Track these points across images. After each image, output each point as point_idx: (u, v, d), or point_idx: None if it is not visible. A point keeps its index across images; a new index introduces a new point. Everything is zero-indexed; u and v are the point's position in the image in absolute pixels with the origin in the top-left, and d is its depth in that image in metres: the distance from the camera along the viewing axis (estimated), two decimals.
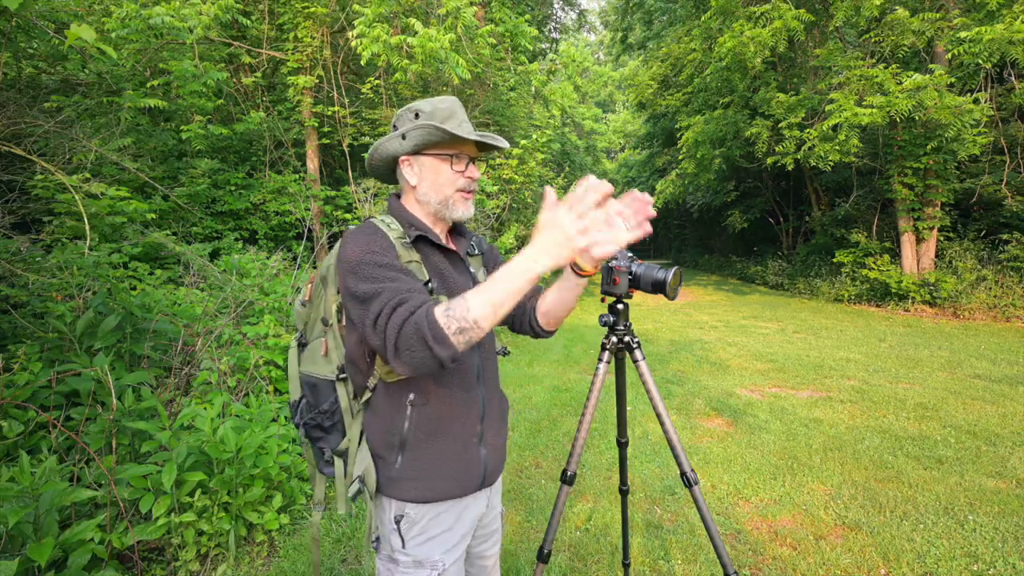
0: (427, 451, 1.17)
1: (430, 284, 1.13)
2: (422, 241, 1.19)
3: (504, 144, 1.22)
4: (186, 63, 5.81)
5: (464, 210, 1.22)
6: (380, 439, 1.18)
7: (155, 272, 4.87)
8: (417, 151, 1.20)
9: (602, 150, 31.30)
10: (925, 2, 9.33)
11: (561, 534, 2.68)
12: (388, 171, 1.30)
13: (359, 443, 1.22)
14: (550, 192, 0.92)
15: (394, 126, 1.23)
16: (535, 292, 1.40)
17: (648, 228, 0.96)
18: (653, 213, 0.98)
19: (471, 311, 0.93)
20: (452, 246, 1.25)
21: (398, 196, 1.28)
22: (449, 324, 0.93)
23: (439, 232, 1.24)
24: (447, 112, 1.18)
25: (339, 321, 1.22)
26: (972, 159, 10.22)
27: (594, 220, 0.86)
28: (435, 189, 1.20)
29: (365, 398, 1.20)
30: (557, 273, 1.14)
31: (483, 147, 1.25)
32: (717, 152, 13.58)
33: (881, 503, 2.93)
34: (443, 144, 1.18)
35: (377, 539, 1.23)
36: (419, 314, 0.95)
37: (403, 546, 1.17)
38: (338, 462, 1.24)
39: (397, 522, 1.17)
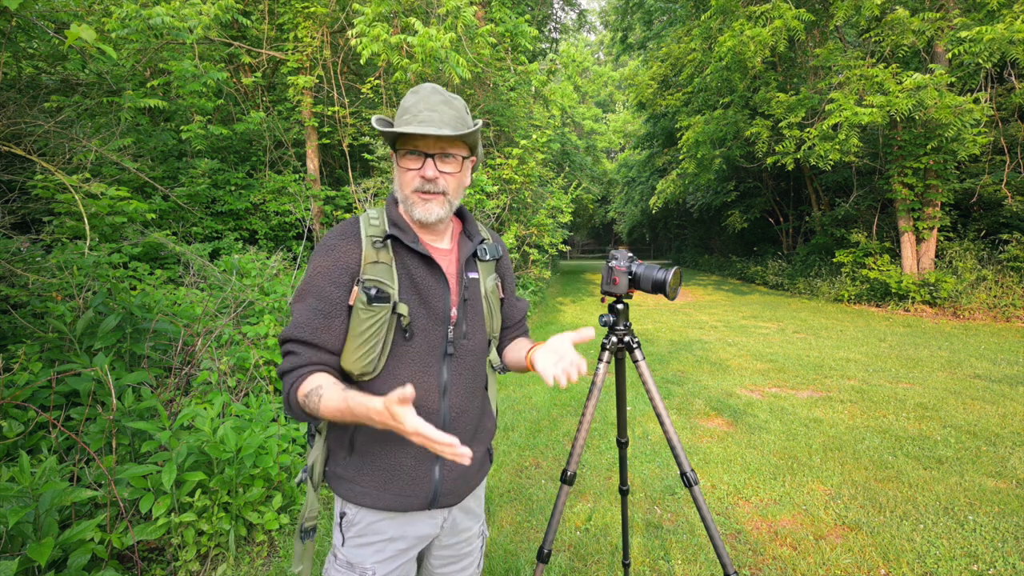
0: (374, 458, 1.16)
1: (374, 291, 1.09)
2: (398, 242, 1.15)
3: (438, 131, 1.07)
4: (186, 63, 5.81)
5: (422, 212, 1.14)
6: (335, 434, 1.20)
7: (155, 272, 4.88)
8: (392, 148, 1.18)
9: (602, 150, 31.30)
10: (925, 2, 9.33)
11: (561, 534, 2.68)
12: None
13: (326, 430, 1.22)
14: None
15: None
16: (524, 331, 1.43)
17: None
18: (574, 379, 1.07)
19: (320, 411, 1.02)
20: (427, 249, 1.16)
21: None
22: (305, 405, 1.04)
23: (424, 233, 1.20)
24: (408, 104, 1.12)
25: None
26: (972, 159, 10.22)
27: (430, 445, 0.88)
28: (399, 188, 1.17)
29: None
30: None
31: (454, 137, 1.11)
32: (717, 152, 13.58)
33: (881, 503, 2.93)
34: (399, 140, 1.14)
35: (312, 529, 1.23)
36: (290, 378, 1.07)
37: (342, 544, 1.19)
38: (317, 438, 1.23)
39: (340, 518, 1.19)
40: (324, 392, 1.01)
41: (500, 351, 1.39)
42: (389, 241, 1.14)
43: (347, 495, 1.17)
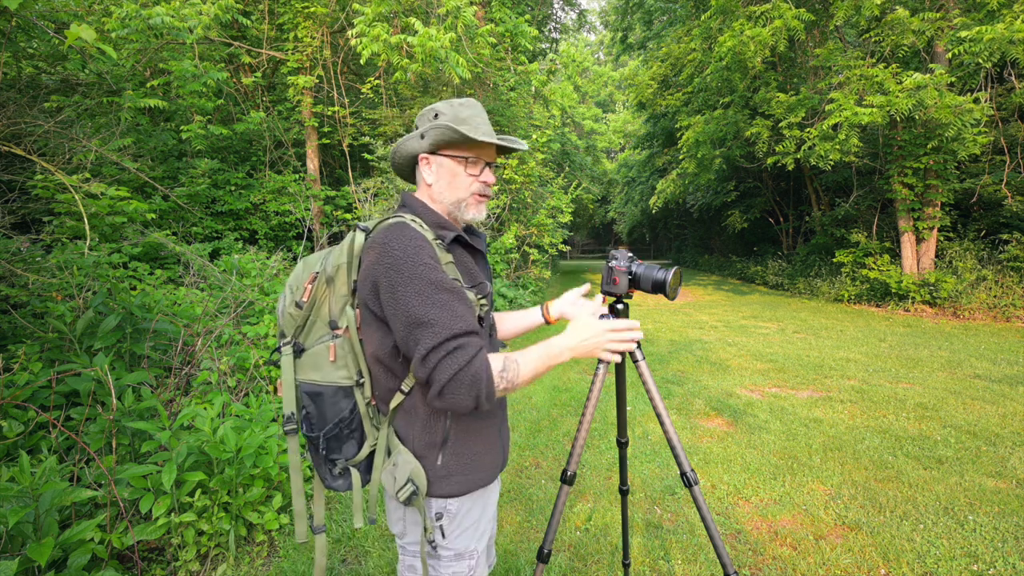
0: (468, 445, 1.20)
1: (475, 290, 1.17)
2: (454, 242, 1.21)
3: (523, 146, 1.25)
4: (186, 63, 5.81)
5: (476, 213, 1.26)
6: (421, 440, 1.16)
7: (155, 272, 4.88)
8: (434, 150, 1.22)
9: (602, 150, 31.31)
10: (925, 2, 9.33)
11: (561, 534, 2.68)
12: (409, 170, 1.32)
13: (386, 447, 1.18)
14: (600, 300, 1.31)
15: (416, 126, 1.27)
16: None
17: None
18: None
19: (521, 375, 1.09)
20: (478, 246, 1.30)
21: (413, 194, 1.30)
22: (500, 383, 1.07)
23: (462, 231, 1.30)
24: (466, 115, 1.21)
25: (357, 324, 1.17)
26: (972, 159, 10.21)
27: (622, 344, 1.21)
28: (450, 190, 1.23)
29: (398, 402, 1.15)
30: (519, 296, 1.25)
31: (502, 150, 1.28)
32: (717, 152, 13.58)
33: (881, 503, 2.93)
34: (459, 146, 1.21)
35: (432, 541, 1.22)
36: (477, 367, 1.04)
37: (444, 539, 1.20)
38: (354, 473, 1.20)
39: (439, 519, 1.19)
40: (519, 358, 1.09)
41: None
42: (445, 241, 1.19)
43: (450, 490, 1.17)
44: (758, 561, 2.44)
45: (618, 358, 1.22)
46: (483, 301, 1.19)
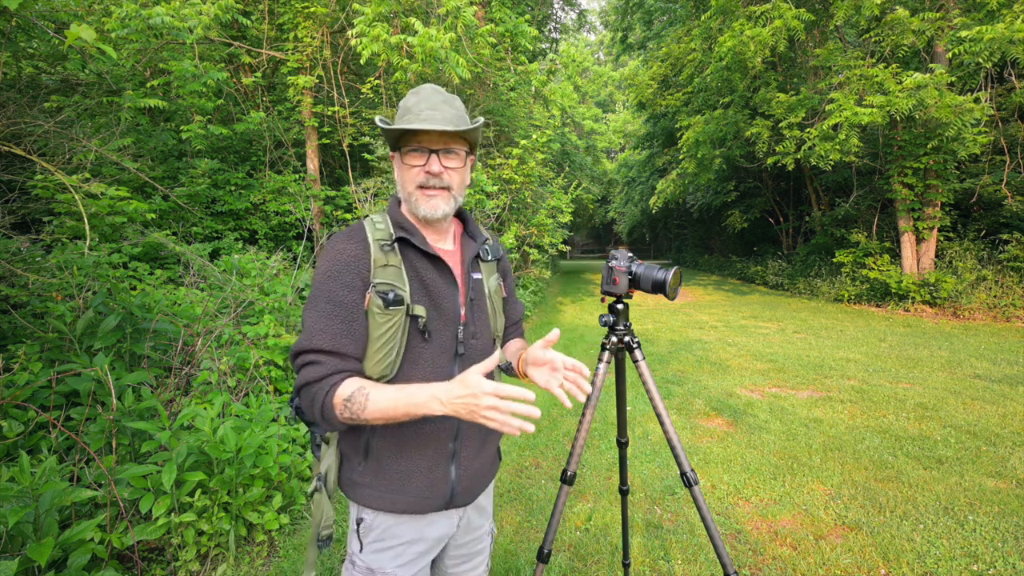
0: (390, 463, 1.15)
1: (391, 295, 1.08)
2: (406, 244, 1.15)
3: (442, 126, 1.09)
4: (186, 63, 5.81)
5: (427, 209, 1.14)
6: (347, 440, 1.19)
7: (155, 272, 4.87)
8: (393, 149, 1.19)
9: (602, 150, 31.29)
10: (925, 2, 9.33)
11: (561, 534, 2.68)
12: None
13: (337, 438, 1.23)
14: (495, 359, 0.94)
15: None
16: (520, 332, 1.45)
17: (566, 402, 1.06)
18: (588, 389, 1.08)
19: (366, 411, 0.99)
20: (435, 251, 1.16)
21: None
22: (343, 412, 1.01)
23: (428, 234, 1.20)
24: (410, 103, 1.14)
25: None
26: (972, 159, 10.22)
27: (504, 412, 0.90)
28: (402, 186, 1.18)
29: None
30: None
31: (456, 134, 1.14)
32: (717, 152, 13.58)
33: (881, 503, 2.93)
34: (401, 138, 1.15)
35: (328, 538, 1.23)
36: (321, 388, 1.02)
37: (360, 550, 1.17)
38: (324, 448, 1.24)
39: (357, 524, 1.18)
40: (371, 392, 1.00)
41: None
42: (397, 244, 1.14)
43: (364, 500, 1.16)
44: (758, 561, 2.44)
45: (501, 426, 0.92)
46: (419, 314, 1.10)
